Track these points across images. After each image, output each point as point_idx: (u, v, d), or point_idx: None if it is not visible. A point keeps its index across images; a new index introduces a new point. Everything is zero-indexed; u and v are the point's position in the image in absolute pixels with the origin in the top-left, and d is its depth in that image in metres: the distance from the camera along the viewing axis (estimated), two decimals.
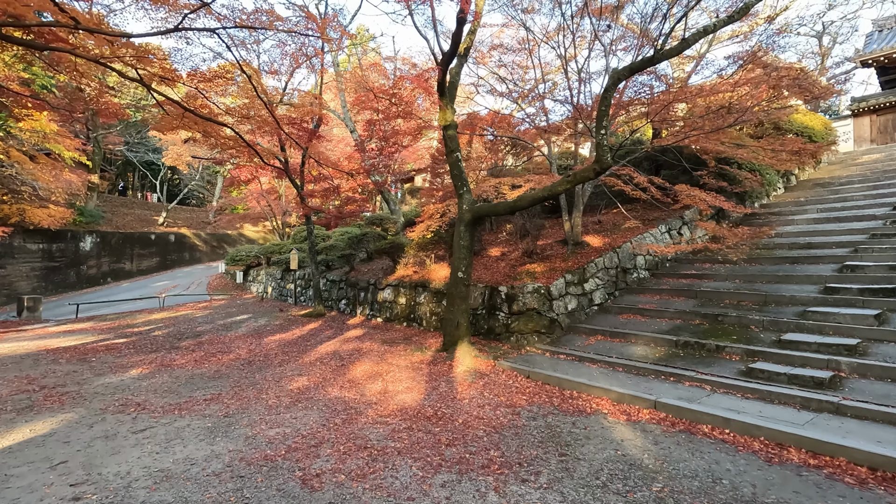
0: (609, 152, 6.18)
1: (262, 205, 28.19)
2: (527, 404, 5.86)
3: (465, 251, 8.33)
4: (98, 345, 9.88)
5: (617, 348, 7.76)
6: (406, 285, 12.06)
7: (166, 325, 12.89)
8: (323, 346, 9.70)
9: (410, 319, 11.74)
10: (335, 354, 8.80)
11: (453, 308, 8.35)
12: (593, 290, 9.68)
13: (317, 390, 6.44)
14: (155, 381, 6.91)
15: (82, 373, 7.38)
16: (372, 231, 16.74)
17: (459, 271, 8.31)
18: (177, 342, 10.22)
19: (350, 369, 7.65)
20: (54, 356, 8.68)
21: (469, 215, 8.25)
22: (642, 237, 10.81)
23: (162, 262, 30.24)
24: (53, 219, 21.79)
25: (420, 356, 8.41)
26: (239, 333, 11.32)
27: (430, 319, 11.07)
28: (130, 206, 34.52)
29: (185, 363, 8.15)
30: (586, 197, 10.86)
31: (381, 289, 13.01)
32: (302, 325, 12.54)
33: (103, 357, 8.62)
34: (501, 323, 9.27)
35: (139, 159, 36.22)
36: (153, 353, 9.07)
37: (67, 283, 23.65)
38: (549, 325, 8.71)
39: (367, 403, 5.86)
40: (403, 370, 7.51)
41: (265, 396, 6.12)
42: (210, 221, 37.53)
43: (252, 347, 9.57)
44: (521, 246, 11.00)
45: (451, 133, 8.61)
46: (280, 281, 19.23)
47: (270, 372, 7.52)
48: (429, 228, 10.79)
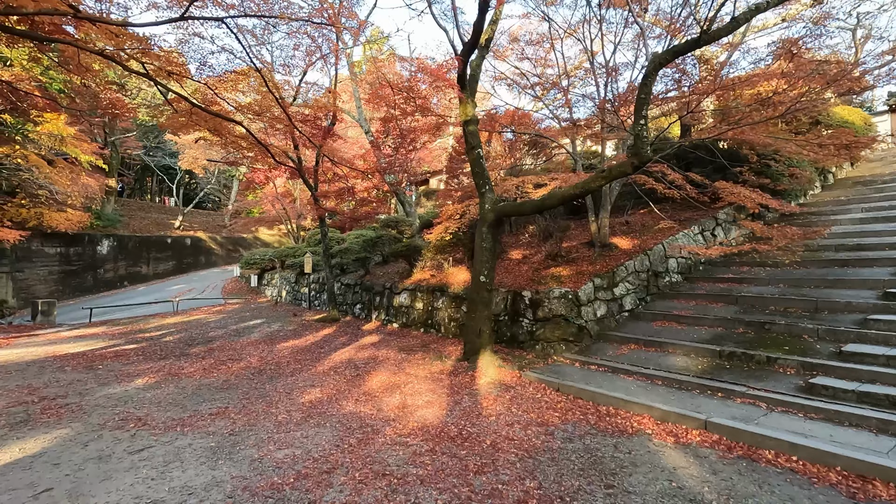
0: (648, 145, 5.62)
1: (276, 208, 28.08)
2: (560, 422, 5.31)
3: (488, 253, 7.81)
4: (107, 351, 9.58)
5: (653, 359, 7.15)
6: (423, 289, 11.58)
7: (178, 329, 12.60)
8: (337, 353, 9.25)
9: (428, 325, 11.25)
10: (350, 363, 8.33)
11: (475, 314, 7.83)
12: (623, 294, 9.07)
13: (330, 404, 5.97)
14: (160, 391, 6.51)
15: (86, 382, 7.03)
16: (387, 234, 16.32)
17: (482, 275, 7.79)
18: (187, 348, 9.88)
19: (366, 380, 7.17)
20: (61, 363, 8.38)
21: (492, 215, 7.73)
22: (674, 238, 10.17)
23: (178, 265, 30.27)
24: (71, 222, 21.82)
25: (440, 366, 7.90)
26: (251, 339, 10.95)
27: (448, 326, 10.56)
28: (148, 209, 34.73)
29: (193, 372, 7.76)
30: (614, 196, 10.26)
31: (397, 293, 12.55)
32: (316, 330, 12.13)
33: (110, 365, 8.28)
34: (525, 330, 8.71)
35: (156, 164, 36.50)
36: (162, 360, 8.72)
37: (85, 287, 23.70)
38: (578, 332, 8.13)
39: (385, 420, 5.36)
40: (423, 381, 7.00)
41: (275, 411, 5.67)
42: (226, 225, 37.61)
43: (264, 355, 9.16)
44: (544, 248, 10.44)
45: (472, 129, 8.11)
46: (294, 285, 18.92)
47: (281, 382, 7.08)
48: (447, 230, 10.29)
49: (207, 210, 42.46)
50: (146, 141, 34.87)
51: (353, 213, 15.41)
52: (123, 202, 33.13)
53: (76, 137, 20.34)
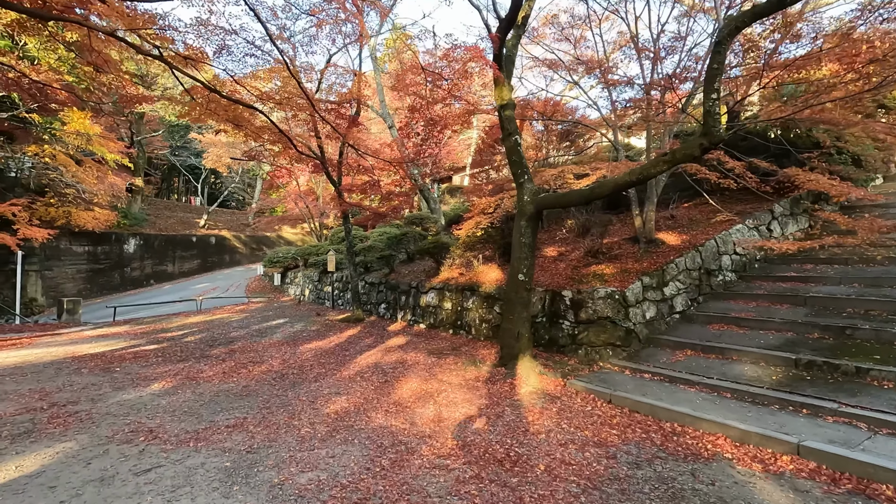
0: (720, 123, 4.86)
1: (299, 206, 27.90)
2: (620, 441, 4.61)
3: (527, 250, 7.14)
4: (126, 352, 9.25)
5: (716, 367, 6.36)
6: (452, 289, 10.96)
7: (201, 329, 12.28)
8: (363, 356, 8.71)
9: (457, 326, 10.62)
10: (377, 368, 7.77)
11: (513, 316, 7.16)
12: (674, 295, 8.27)
13: (358, 416, 5.39)
14: (176, 398, 6.05)
15: (101, 386, 6.64)
16: (412, 231, 15.76)
17: (520, 273, 7.12)
18: (208, 349, 9.48)
19: (395, 387, 6.58)
20: (78, 365, 8.06)
21: (531, 207, 7.04)
22: (727, 234, 9.31)
23: (203, 264, 30.38)
24: (98, 221, 21.96)
25: (474, 372, 7.26)
26: (273, 340, 10.51)
27: (479, 327, 9.92)
28: (173, 209, 35.04)
29: (212, 375, 7.31)
30: (660, 188, 9.44)
31: (423, 292, 11.96)
32: (340, 331, 11.64)
33: (128, 367, 7.91)
34: (566, 333, 8.00)
35: (182, 163, 36.86)
36: (181, 362, 8.32)
37: (112, 285, 23.87)
38: (625, 336, 7.38)
39: (420, 436, 4.75)
40: (458, 390, 6.38)
41: (297, 423, 5.12)
42: (249, 223, 37.73)
43: (286, 357, 8.68)
44: (583, 244, 9.70)
45: (508, 113, 7.44)
46: (317, 283, 18.55)
47: (305, 389, 6.55)
48: (478, 225, 9.65)
49: (231, 209, 42.77)
50: (172, 140, 35.22)
51: (379, 208, 14.82)
52: (150, 201, 33.47)
53: (102, 136, 20.40)
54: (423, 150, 11.65)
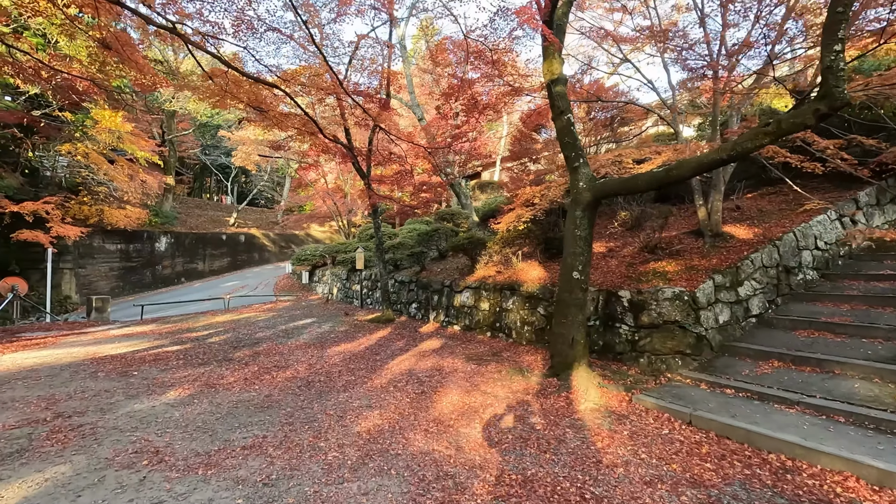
0: (843, 82, 3.87)
1: (327, 204, 27.52)
2: (720, 480, 3.69)
3: (583, 244, 6.23)
4: (148, 353, 8.78)
5: (815, 383, 5.32)
6: (489, 288, 10.11)
7: (226, 329, 11.81)
8: (395, 361, 7.97)
9: (496, 329, 9.78)
10: (411, 375, 7.01)
11: (566, 320, 6.27)
12: (749, 296, 7.21)
13: (393, 436, 4.63)
14: (191, 409, 5.43)
15: (114, 393, 6.09)
16: (443, 227, 15.01)
17: (574, 271, 6.22)
18: (231, 352, 8.93)
19: (434, 400, 5.80)
20: (96, 368, 7.59)
21: (588, 195, 6.13)
22: (807, 226, 8.16)
23: (232, 262, 30.41)
24: (130, 219, 22.03)
25: (522, 382, 6.41)
26: (300, 342, 9.90)
27: (521, 330, 9.05)
28: (204, 207, 35.31)
29: (232, 382, 6.69)
30: (727, 174, 8.37)
31: (458, 291, 11.16)
32: (369, 332, 10.95)
33: (146, 371, 7.39)
34: (624, 339, 7.05)
35: (213, 162, 37.14)
36: (202, 366, 7.75)
37: (143, 283, 23.98)
38: (696, 343, 6.39)
39: (469, 466, 3.95)
40: (506, 405, 5.55)
41: (323, 445, 4.39)
42: (278, 222, 37.76)
43: (312, 361, 8.02)
44: (637, 239, 8.70)
45: (559, 89, 6.54)
46: (345, 282, 18.00)
47: (332, 400, 5.83)
48: (520, 218, 8.78)
49: (261, 207, 43.00)
50: (203, 139, 35.51)
51: (411, 201, 14.03)
52: (181, 200, 33.80)
53: (133, 134, 20.41)
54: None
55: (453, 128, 10.67)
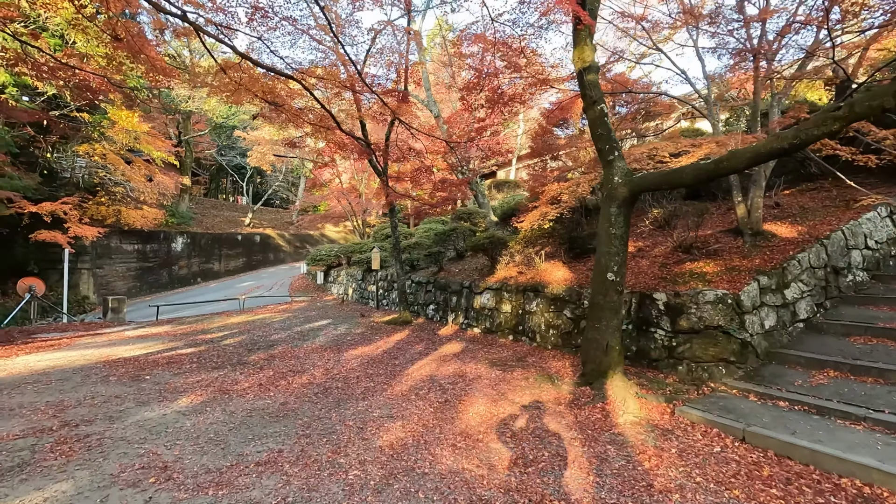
0: None
1: (342, 204, 27.35)
2: None
3: (618, 243, 5.80)
4: (161, 356, 8.57)
5: (881, 395, 4.82)
6: (511, 289, 9.71)
7: (241, 330, 11.59)
8: (415, 366, 7.61)
9: (518, 332, 9.37)
10: (433, 382, 6.64)
11: (600, 324, 5.85)
12: (796, 298, 6.70)
13: (418, 451, 4.26)
14: (203, 418, 5.13)
15: (124, 400, 5.84)
16: (461, 226, 14.63)
17: (609, 272, 5.79)
18: (246, 355, 8.67)
19: (459, 410, 5.42)
20: (108, 371, 7.37)
21: (625, 190, 5.70)
22: (857, 224, 7.61)
23: (248, 262, 30.42)
24: (147, 220, 22.09)
25: (552, 391, 6.00)
26: (316, 344, 9.61)
27: (546, 334, 8.63)
28: (220, 207, 35.46)
29: (247, 388, 6.40)
30: (769, 169, 7.85)
31: (477, 293, 10.77)
32: (387, 335, 10.63)
33: (159, 375, 7.15)
34: (660, 345, 6.60)
35: (229, 163, 37.31)
36: (216, 370, 7.49)
37: (160, 284, 24.04)
38: (741, 350, 5.91)
39: (505, 489, 3.56)
40: (537, 416, 5.15)
41: (343, 461, 4.04)
42: (293, 222, 37.77)
43: (329, 366, 7.71)
44: (669, 237, 8.22)
45: (591, 78, 6.12)
46: (361, 282, 17.73)
47: (351, 409, 5.50)
48: (544, 217, 8.36)
49: (276, 207, 43.11)
50: (218, 140, 35.67)
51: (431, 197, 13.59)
52: (198, 200, 33.96)
53: (149, 134, 20.42)
54: (483, 128, 10.35)
55: (477, 121, 10.22)
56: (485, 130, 10.60)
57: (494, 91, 8.08)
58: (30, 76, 15.98)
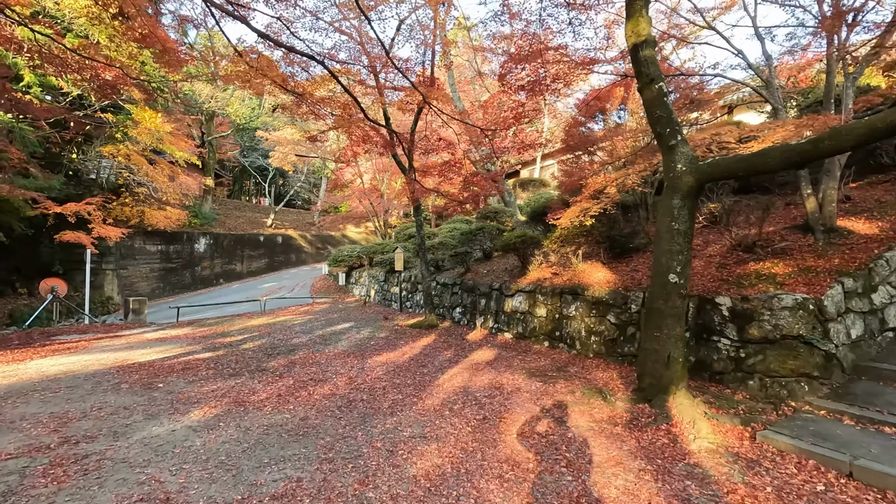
0: None
1: (363, 204, 26.99)
2: None
3: (682, 240, 5.06)
4: (178, 361, 8.14)
5: None
6: (546, 292, 9.01)
7: (261, 333, 11.16)
8: (445, 376, 6.98)
9: (555, 338, 8.66)
10: (467, 395, 6.00)
11: (660, 333, 5.12)
12: (885, 304, 5.85)
13: (459, 483, 3.63)
14: (215, 436, 4.60)
15: (133, 412, 5.36)
16: (488, 226, 13.96)
17: (672, 273, 5.06)
18: (265, 360, 8.18)
19: (501, 431, 4.77)
20: (121, 377, 6.95)
21: (691, 179, 4.96)
22: None
23: (270, 263, 30.31)
24: (170, 220, 22.01)
25: (605, 408, 5.29)
26: (338, 350, 9.07)
27: (587, 341, 7.90)
28: (242, 208, 35.54)
29: (264, 400, 5.87)
30: (844, 159, 6.98)
31: (508, 295, 10.10)
32: (412, 339, 10.04)
33: (173, 383, 6.68)
34: (725, 356, 5.82)
35: (251, 164, 37.42)
36: (232, 377, 7.00)
37: (183, 284, 24.00)
38: (824, 363, 5.11)
39: None
40: (593, 439, 4.45)
41: (373, 496, 3.44)
42: (314, 223, 37.65)
43: (353, 374, 7.14)
44: (727, 235, 7.40)
45: (647, 53, 5.40)
46: (383, 283, 17.21)
47: (379, 426, 4.89)
48: (585, 213, 7.63)
49: (297, 208, 43.13)
50: (241, 141, 35.78)
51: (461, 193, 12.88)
52: (221, 202, 34.07)
53: (172, 134, 20.33)
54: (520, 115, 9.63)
55: (516, 104, 9.52)
56: (523, 117, 9.88)
57: (536, 71, 7.39)
58: (54, 76, 15.95)
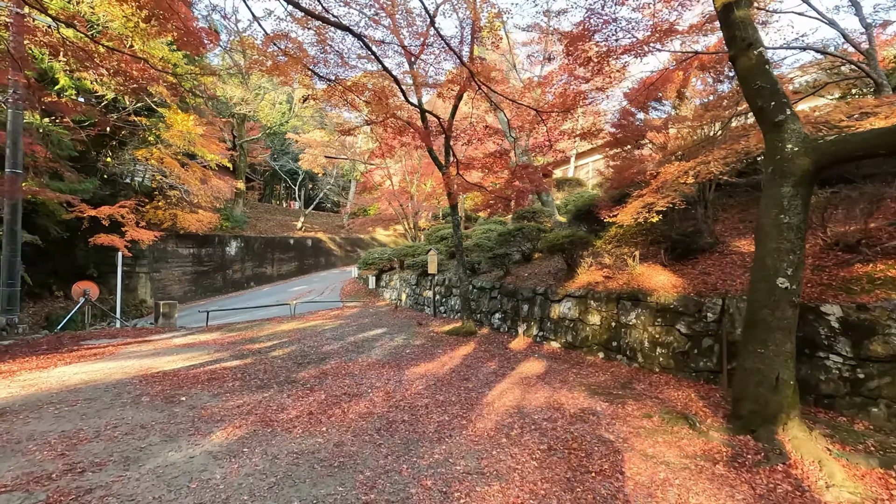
0: None
1: (393, 206, 26.50)
2: None
3: (794, 237, 4.16)
4: (204, 370, 7.63)
5: None
6: (600, 297, 8.12)
7: (291, 339, 10.62)
8: (494, 392, 6.20)
9: (611, 349, 7.77)
10: (523, 416, 5.21)
11: (765, 349, 4.21)
12: None
13: None
14: (237, 466, 3.96)
15: (150, 431, 4.79)
16: (527, 226, 13.09)
17: (780, 277, 4.15)
18: (295, 371, 7.58)
19: (572, 466, 3.95)
20: (142, 389, 6.45)
21: (806, 162, 4.05)
22: None
23: (300, 266, 30.14)
24: (202, 223, 21.98)
25: (696, 440, 4.40)
26: (372, 359, 8.42)
27: (651, 353, 6.99)
28: (273, 212, 35.63)
29: (294, 418, 5.22)
30: None
31: (555, 300, 9.25)
32: (450, 348, 9.30)
33: (196, 396, 6.13)
34: (836, 375, 4.84)
35: (281, 168, 37.57)
36: (260, 390, 6.40)
37: (215, 287, 23.95)
38: None
39: None
40: (693, 484, 3.59)
41: None
42: (344, 225, 37.46)
43: (390, 388, 6.44)
44: (823, 232, 6.37)
45: (742, 15, 4.52)
46: (415, 287, 16.55)
47: (426, 457, 4.16)
48: (649, 209, 6.73)
49: (326, 211, 43.11)
50: (272, 145, 35.94)
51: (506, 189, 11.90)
52: (252, 205, 34.22)
53: (204, 137, 20.26)
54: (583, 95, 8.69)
55: (581, 80, 8.62)
56: (585, 97, 8.98)
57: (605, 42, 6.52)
58: (88, 78, 15.93)
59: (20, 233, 11.99)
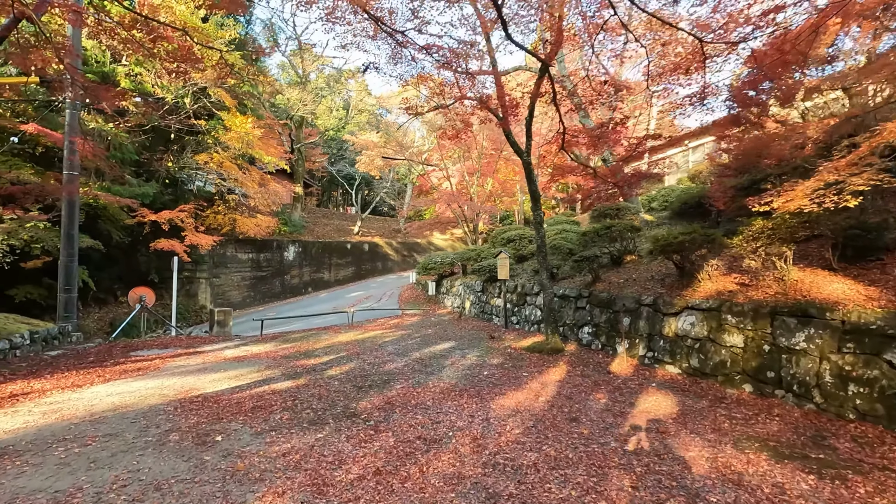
0: None
1: (452, 208, 25.13)
2: None
3: None
4: (250, 393, 6.44)
5: None
6: (742, 310, 6.17)
7: (349, 354, 9.36)
8: (628, 447, 4.48)
9: (764, 381, 5.80)
10: (689, 495, 3.47)
11: None
12: None
13: None
14: None
15: (166, 497, 3.51)
16: (617, 224, 11.16)
17: None
18: (355, 397, 6.23)
19: None
20: (175, 422, 5.29)
21: None
22: None
23: (357, 271, 29.44)
24: (260, 228, 21.57)
25: None
26: (445, 383, 6.92)
27: (840, 392, 4.98)
28: (330, 216, 35.40)
29: (356, 482, 3.79)
30: None
31: (670, 313, 7.36)
32: (536, 369, 7.65)
33: (235, 435, 4.86)
34: None
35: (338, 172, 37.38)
36: (312, 427, 5.06)
37: (273, 293, 23.54)
38: None
39: None
40: None
41: None
42: (400, 230, 36.62)
43: (477, 431, 4.89)
44: None
45: None
46: (480, 294, 14.97)
47: None
48: (842, 190, 4.77)
49: (383, 216, 42.58)
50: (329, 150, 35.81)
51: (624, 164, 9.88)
52: (310, 210, 34.11)
53: (262, 139, 19.83)
54: None
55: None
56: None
57: None
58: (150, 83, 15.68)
59: (77, 237, 11.59)
